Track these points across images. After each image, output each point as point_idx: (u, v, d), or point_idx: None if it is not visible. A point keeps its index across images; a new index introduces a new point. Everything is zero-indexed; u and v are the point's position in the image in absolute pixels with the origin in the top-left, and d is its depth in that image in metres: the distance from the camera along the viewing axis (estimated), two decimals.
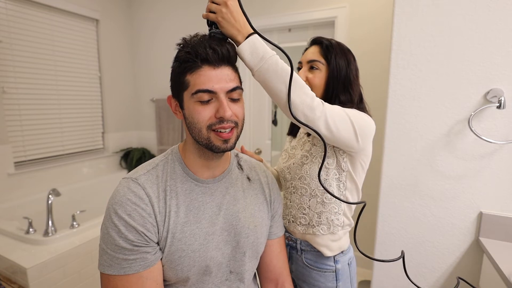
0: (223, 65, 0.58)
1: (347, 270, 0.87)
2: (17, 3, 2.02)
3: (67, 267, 1.51)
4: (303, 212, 0.85)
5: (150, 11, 2.77)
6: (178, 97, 0.61)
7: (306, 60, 0.85)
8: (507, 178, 0.95)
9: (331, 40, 0.84)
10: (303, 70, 0.85)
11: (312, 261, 0.86)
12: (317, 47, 0.84)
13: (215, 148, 0.58)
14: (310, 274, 0.86)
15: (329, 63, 0.81)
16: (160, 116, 2.75)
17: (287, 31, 2.20)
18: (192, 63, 0.56)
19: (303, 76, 0.84)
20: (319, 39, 0.85)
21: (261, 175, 0.75)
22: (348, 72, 0.81)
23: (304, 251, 0.88)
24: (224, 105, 0.56)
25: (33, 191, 2.13)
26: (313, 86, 0.82)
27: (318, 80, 0.82)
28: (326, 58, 0.82)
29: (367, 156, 0.80)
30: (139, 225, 0.55)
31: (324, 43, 0.83)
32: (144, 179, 0.60)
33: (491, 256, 0.89)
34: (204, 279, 0.63)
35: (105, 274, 0.56)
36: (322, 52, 0.82)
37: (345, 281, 0.86)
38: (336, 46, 0.82)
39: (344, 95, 0.81)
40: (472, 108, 0.95)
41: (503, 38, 0.90)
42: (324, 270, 0.85)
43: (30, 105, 2.12)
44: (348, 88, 0.81)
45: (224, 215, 0.65)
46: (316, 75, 0.82)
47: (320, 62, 0.82)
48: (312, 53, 0.84)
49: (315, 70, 0.83)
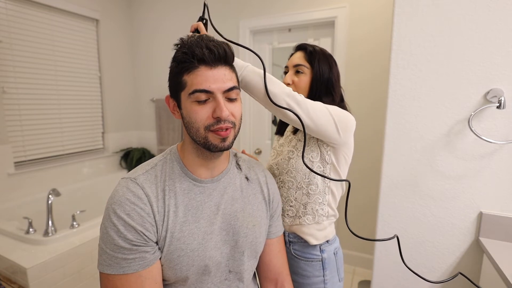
0: (220, 65, 0.58)
1: (333, 259, 0.90)
2: (17, 3, 2.02)
3: (67, 267, 1.51)
4: (290, 205, 0.89)
5: (150, 11, 2.77)
6: (176, 97, 0.61)
7: (292, 65, 0.91)
8: (507, 178, 0.95)
9: (315, 46, 0.91)
10: (289, 74, 0.92)
11: (299, 252, 0.89)
12: (302, 52, 0.91)
13: (213, 147, 0.59)
14: (298, 264, 0.89)
15: (313, 67, 0.88)
16: (160, 116, 2.75)
17: (287, 31, 2.20)
18: (189, 63, 0.56)
19: (290, 79, 0.90)
20: (304, 45, 0.92)
21: (260, 175, 0.75)
22: (330, 75, 0.88)
23: (292, 242, 0.91)
24: (221, 105, 0.56)
25: (33, 191, 2.13)
26: (298, 88, 0.89)
27: (303, 83, 0.89)
28: (310, 62, 0.88)
29: (350, 149, 0.86)
30: (138, 224, 0.55)
31: (308, 49, 0.90)
32: (143, 179, 0.60)
33: (491, 256, 0.89)
34: (203, 279, 0.63)
35: (104, 274, 0.56)
36: (307, 57, 0.89)
37: (331, 270, 0.90)
38: (319, 52, 0.89)
39: (326, 96, 0.87)
40: (472, 108, 0.95)
41: (503, 38, 0.90)
42: (311, 260, 0.88)
43: (30, 105, 2.12)
44: (330, 90, 0.88)
45: (223, 215, 0.65)
46: (301, 79, 0.89)
47: (305, 66, 0.89)
48: (298, 58, 0.91)
49: (300, 74, 0.89)
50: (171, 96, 0.63)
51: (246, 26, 2.25)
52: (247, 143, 2.42)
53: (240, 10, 2.27)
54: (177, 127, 2.64)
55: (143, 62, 2.90)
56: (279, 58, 2.34)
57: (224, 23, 2.34)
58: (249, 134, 2.43)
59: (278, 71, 2.43)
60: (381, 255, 1.15)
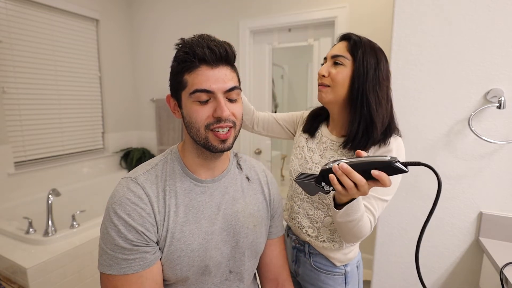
0: (221, 65, 0.57)
1: (355, 273, 0.86)
2: (17, 3, 2.02)
3: (67, 267, 1.51)
4: (315, 225, 0.82)
5: (150, 11, 2.77)
6: (176, 96, 0.61)
7: (331, 55, 0.78)
8: (507, 178, 0.95)
9: (362, 36, 0.77)
10: (326, 64, 0.79)
11: (321, 264, 0.84)
12: (345, 42, 0.77)
13: (213, 148, 0.59)
14: (319, 277, 0.84)
15: (355, 59, 0.74)
16: (160, 116, 2.74)
17: (287, 31, 2.20)
18: (190, 63, 0.56)
19: (326, 71, 0.77)
20: (348, 35, 0.78)
21: (261, 175, 0.75)
22: (377, 72, 0.73)
23: (313, 254, 0.86)
24: (221, 105, 0.56)
25: (33, 191, 2.13)
26: (335, 82, 0.76)
27: (341, 76, 0.75)
28: (352, 53, 0.74)
29: None
30: (138, 224, 0.55)
31: (352, 38, 0.76)
32: (143, 179, 0.60)
33: (491, 256, 0.89)
34: (204, 279, 0.62)
35: (104, 274, 0.56)
36: (349, 48, 0.75)
37: (353, 284, 0.85)
38: (365, 43, 0.75)
39: (372, 94, 0.73)
40: (472, 108, 0.95)
41: (503, 38, 0.90)
42: (333, 273, 0.83)
43: (30, 105, 2.12)
44: (376, 90, 0.73)
45: (223, 215, 0.65)
46: (340, 71, 0.75)
47: (345, 58, 0.75)
48: (338, 48, 0.77)
49: (339, 66, 0.76)
50: (172, 96, 0.63)
51: (246, 26, 2.25)
52: (247, 143, 2.42)
53: (240, 10, 2.27)
54: (177, 127, 2.64)
55: (143, 62, 2.89)
56: (279, 58, 2.34)
57: (224, 23, 2.34)
58: (249, 134, 2.43)
59: (278, 71, 2.43)
60: (381, 255, 1.15)
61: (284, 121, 1.01)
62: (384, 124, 0.74)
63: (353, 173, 0.53)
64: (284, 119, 1.01)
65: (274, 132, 1.03)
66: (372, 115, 0.72)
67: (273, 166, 2.44)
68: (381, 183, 0.52)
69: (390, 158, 0.51)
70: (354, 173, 0.53)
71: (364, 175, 0.53)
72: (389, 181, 0.52)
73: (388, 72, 0.76)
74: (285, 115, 1.01)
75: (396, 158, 0.51)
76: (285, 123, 1.00)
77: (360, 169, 0.53)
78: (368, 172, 0.52)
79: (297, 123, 0.98)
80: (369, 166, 0.52)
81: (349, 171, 0.53)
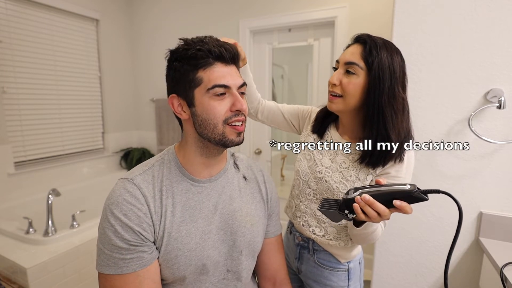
0: (232, 64, 0.61)
1: (358, 269, 0.87)
2: (17, 3, 2.02)
3: (67, 267, 1.51)
4: (322, 225, 0.83)
5: (150, 11, 2.77)
6: (186, 95, 0.60)
7: (344, 61, 0.72)
8: (507, 178, 0.95)
9: (378, 39, 0.70)
10: (337, 72, 0.73)
11: (324, 260, 0.86)
12: (359, 47, 0.70)
13: (229, 142, 0.60)
14: (322, 273, 0.86)
15: (370, 69, 0.67)
16: (160, 116, 2.75)
17: (287, 31, 2.20)
18: (205, 59, 0.57)
19: (337, 79, 0.72)
20: (364, 38, 0.71)
21: (258, 174, 0.76)
22: (393, 82, 0.67)
23: (317, 250, 0.86)
24: (239, 99, 0.59)
25: (33, 191, 2.13)
26: (346, 93, 0.71)
27: (353, 87, 0.69)
28: (367, 62, 0.68)
29: None
30: (135, 224, 0.56)
31: (368, 43, 0.69)
32: (140, 179, 0.60)
33: (491, 256, 0.89)
34: (201, 278, 0.63)
35: (102, 274, 0.56)
36: (364, 55, 0.68)
37: (355, 280, 0.87)
38: (381, 47, 0.68)
39: (389, 107, 0.67)
40: (472, 108, 0.95)
41: (503, 38, 0.90)
42: (336, 269, 0.85)
43: (30, 105, 2.12)
44: (392, 101, 0.67)
45: (220, 214, 0.65)
46: (352, 81, 0.69)
47: (359, 66, 0.68)
48: (352, 54, 0.70)
49: (351, 75, 0.70)
50: (178, 95, 0.61)
51: (246, 26, 2.25)
52: (247, 143, 2.42)
53: (240, 10, 2.27)
54: (177, 127, 2.64)
55: (143, 62, 2.90)
56: (279, 58, 2.34)
57: (224, 23, 2.34)
58: (249, 134, 2.43)
59: (278, 71, 2.43)
60: (381, 255, 1.15)
61: (289, 114, 0.99)
62: (400, 139, 0.70)
63: (376, 204, 0.54)
64: (290, 112, 0.99)
65: (277, 124, 1.02)
66: (388, 131, 0.68)
67: (273, 166, 2.44)
68: (402, 211, 0.53)
69: (410, 187, 0.52)
70: (377, 204, 0.54)
71: (386, 203, 0.54)
72: (411, 209, 0.53)
73: (404, 77, 0.71)
74: (291, 109, 0.99)
75: (416, 186, 0.52)
76: (290, 117, 0.99)
77: (382, 199, 0.54)
78: (389, 201, 0.53)
79: (303, 119, 0.95)
80: (391, 196, 0.53)
81: (372, 202, 0.54)
